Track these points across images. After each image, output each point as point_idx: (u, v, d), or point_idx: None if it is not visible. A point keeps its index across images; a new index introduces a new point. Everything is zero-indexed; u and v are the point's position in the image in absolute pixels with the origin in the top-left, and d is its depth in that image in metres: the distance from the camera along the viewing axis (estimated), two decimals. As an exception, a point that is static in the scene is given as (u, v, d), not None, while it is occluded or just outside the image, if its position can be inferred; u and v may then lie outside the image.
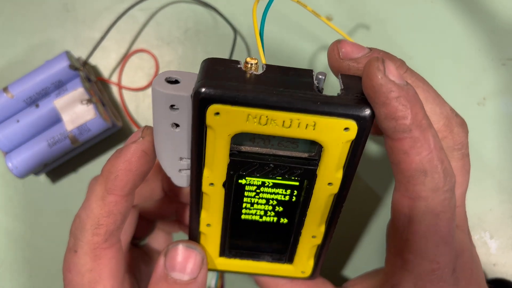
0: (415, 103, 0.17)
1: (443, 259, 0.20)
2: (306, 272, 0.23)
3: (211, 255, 0.23)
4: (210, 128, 0.18)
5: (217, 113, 0.17)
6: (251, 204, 0.21)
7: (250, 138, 0.19)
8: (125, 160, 0.20)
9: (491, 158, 0.33)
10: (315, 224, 0.21)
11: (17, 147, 0.30)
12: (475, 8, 0.34)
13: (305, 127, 0.18)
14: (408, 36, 0.34)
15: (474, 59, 0.34)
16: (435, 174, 0.18)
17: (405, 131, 0.17)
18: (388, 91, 0.17)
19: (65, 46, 0.34)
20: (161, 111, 0.19)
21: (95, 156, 0.34)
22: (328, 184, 0.20)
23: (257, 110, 0.17)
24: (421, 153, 0.18)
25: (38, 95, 0.31)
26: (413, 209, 0.19)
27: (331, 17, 0.34)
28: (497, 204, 0.29)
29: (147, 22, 0.34)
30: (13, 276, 0.34)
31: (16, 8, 0.34)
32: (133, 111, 0.34)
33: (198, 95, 0.17)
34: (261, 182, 0.20)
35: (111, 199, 0.20)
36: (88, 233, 0.21)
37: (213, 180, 0.20)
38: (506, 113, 0.34)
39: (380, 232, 0.33)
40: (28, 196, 0.34)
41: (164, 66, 0.34)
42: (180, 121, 0.19)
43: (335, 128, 0.18)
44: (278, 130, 0.18)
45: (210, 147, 0.18)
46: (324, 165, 0.19)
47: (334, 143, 0.18)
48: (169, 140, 0.19)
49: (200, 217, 0.21)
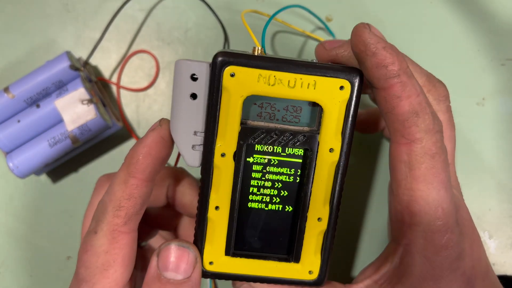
0: (399, 52, 0.20)
1: (446, 206, 0.21)
2: (314, 272, 0.23)
3: (217, 254, 0.23)
4: (225, 90, 0.21)
5: (233, 74, 0.20)
6: (257, 188, 0.23)
7: (258, 113, 0.22)
8: (144, 145, 0.22)
9: (490, 158, 0.33)
10: (320, 203, 0.23)
11: (18, 147, 0.30)
12: (475, 8, 0.34)
13: (307, 87, 0.21)
14: (407, 36, 0.34)
15: (474, 59, 0.34)
16: (425, 115, 0.20)
17: (395, 76, 0.20)
18: (376, 42, 0.20)
19: (66, 47, 0.34)
20: (182, 82, 0.21)
21: (96, 156, 0.34)
22: (329, 151, 0.22)
23: (267, 71, 0.21)
24: (411, 96, 0.20)
25: (39, 95, 0.31)
26: (410, 153, 0.21)
27: (330, 17, 0.34)
28: (496, 204, 0.30)
29: (147, 22, 0.34)
30: (14, 276, 0.34)
31: (17, 9, 0.34)
32: (133, 111, 0.34)
33: (217, 57, 0.20)
34: (267, 160, 0.22)
35: (132, 182, 0.22)
36: (109, 214, 0.22)
37: (225, 149, 0.22)
38: (505, 113, 0.34)
39: (379, 230, 0.33)
40: (29, 196, 0.34)
41: (164, 66, 0.34)
42: (198, 91, 0.21)
43: (332, 86, 0.21)
44: (284, 90, 0.21)
45: (224, 111, 0.21)
46: (324, 130, 0.22)
47: (331, 102, 0.21)
48: (186, 113, 0.21)
49: (210, 197, 0.22)
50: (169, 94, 0.34)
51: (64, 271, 0.34)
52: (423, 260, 0.22)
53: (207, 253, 0.23)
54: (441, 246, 0.22)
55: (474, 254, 0.23)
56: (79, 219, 0.34)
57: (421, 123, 0.20)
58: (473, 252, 0.23)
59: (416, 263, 0.22)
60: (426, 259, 0.22)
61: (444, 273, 0.22)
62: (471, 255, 0.23)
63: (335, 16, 0.34)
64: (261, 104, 0.22)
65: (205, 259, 0.23)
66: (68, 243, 0.34)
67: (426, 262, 0.22)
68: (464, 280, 0.22)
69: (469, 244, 0.23)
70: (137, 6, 0.34)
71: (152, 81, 0.34)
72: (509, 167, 0.34)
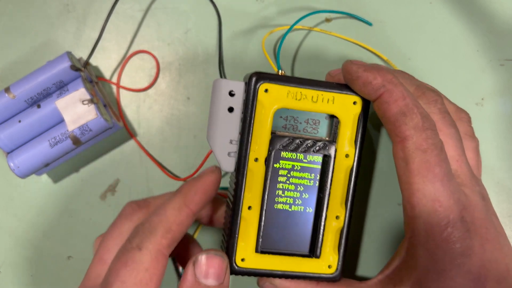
0: (381, 69, 0.24)
1: (444, 199, 0.23)
2: (333, 266, 0.27)
3: (248, 251, 0.26)
4: (259, 103, 0.25)
5: (266, 90, 0.25)
6: (282, 191, 0.26)
7: (283, 125, 0.26)
8: (203, 183, 0.26)
9: (490, 158, 0.33)
10: (337, 203, 0.26)
11: (19, 147, 0.31)
12: (474, 9, 0.34)
13: (327, 101, 0.25)
14: (407, 37, 0.34)
15: (473, 59, 0.34)
16: (412, 115, 0.23)
17: (380, 87, 0.24)
18: (357, 69, 0.24)
19: (66, 47, 0.34)
20: (221, 97, 0.25)
21: (96, 156, 0.34)
22: (345, 156, 0.26)
23: (295, 88, 0.25)
24: (397, 100, 0.23)
25: (40, 96, 0.31)
26: (404, 149, 0.23)
27: (330, 18, 0.34)
28: (495, 203, 0.30)
29: (148, 23, 0.34)
30: (14, 276, 0.34)
31: (18, 9, 0.34)
32: (134, 112, 0.34)
33: (254, 76, 0.25)
34: (291, 165, 0.26)
35: (186, 210, 0.25)
36: (158, 235, 0.24)
37: (258, 154, 0.25)
38: (504, 113, 0.34)
39: (382, 233, 0.33)
40: (29, 195, 0.34)
41: (164, 66, 0.34)
42: (235, 105, 0.25)
43: (347, 102, 0.26)
44: (309, 104, 0.25)
45: (258, 121, 0.25)
46: (341, 138, 0.26)
47: (346, 114, 0.26)
48: (223, 124, 0.25)
49: (244, 198, 0.25)
50: (169, 94, 0.34)
51: (65, 271, 0.34)
52: (426, 252, 0.23)
53: (240, 250, 0.26)
54: (441, 240, 0.23)
55: (486, 254, 0.23)
56: (79, 219, 0.34)
57: (409, 121, 0.23)
58: (485, 252, 0.23)
59: (419, 256, 0.24)
60: (429, 252, 0.23)
61: (447, 267, 0.23)
62: (481, 254, 0.23)
63: (335, 16, 0.34)
64: (286, 118, 0.26)
65: (237, 256, 0.26)
66: (69, 243, 0.34)
67: (429, 254, 0.23)
68: (471, 278, 0.23)
69: (480, 243, 0.23)
70: (137, 7, 0.34)
71: (152, 81, 0.34)
72: (508, 167, 0.34)
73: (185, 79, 0.34)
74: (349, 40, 0.34)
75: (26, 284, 0.34)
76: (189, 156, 0.34)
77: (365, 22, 0.34)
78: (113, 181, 0.34)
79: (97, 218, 0.34)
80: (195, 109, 0.34)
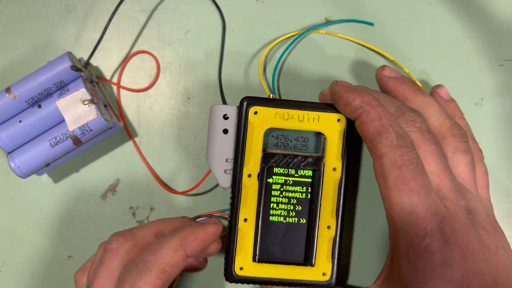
0: (362, 91, 0.26)
1: (420, 211, 0.24)
2: (327, 273, 0.28)
3: (246, 260, 0.28)
4: (250, 125, 0.27)
5: (256, 112, 0.27)
6: (277, 204, 0.28)
7: (274, 143, 0.28)
8: (204, 232, 0.26)
9: (489, 158, 0.33)
10: (328, 213, 0.28)
11: (19, 147, 0.31)
12: (473, 9, 0.34)
13: (313, 120, 0.27)
14: (406, 37, 0.34)
15: (472, 59, 0.34)
16: (387, 134, 0.25)
17: (358, 108, 0.25)
18: (340, 89, 0.26)
19: (67, 47, 0.34)
20: (216, 121, 0.28)
21: (97, 156, 0.34)
22: (333, 170, 0.28)
23: (282, 109, 0.27)
24: (374, 120, 0.25)
25: (40, 96, 0.31)
26: (381, 165, 0.25)
27: (330, 18, 0.34)
28: (495, 203, 0.30)
29: (148, 23, 0.34)
30: (15, 276, 0.34)
31: (18, 9, 0.34)
32: (134, 112, 0.34)
33: (244, 100, 0.27)
34: (283, 180, 0.28)
35: (182, 253, 0.25)
36: (153, 275, 0.24)
37: (251, 171, 0.27)
38: (503, 114, 0.34)
39: (376, 237, 0.34)
40: (30, 195, 0.34)
41: (165, 67, 0.34)
42: (229, 127, 0.28)
43: (331, 120, 0.28)
44: (295, 123, 0.27)
45: (249, 141, 0.27)
46: (328, 153, 0.28)
47: (332, 131, 0.28)
48: (220, 144, 0.28)
49: (240, 211, 0.27)
50: (169, 95, 0.34)
51: (66, 271, 0.34)
52: (408, 262, 0.24)
53: (238, 259, 0.28)
54: (421, 250, 0.24)
55: (468, 265, 0.24)
56: (80, 219, 0.34)
57: (384, 140, 0.25)
58: (467, 263, 0.24)
59: (403, 266, 0.25)
60: (410, 262, 0.24)
61: (428, 276, 0.24)
62: (463, 265, 0.24)
63: (335, 17, 0.34)
64: (277, 136, 0.28)
65: (236, 265, 0.28)
66: (70, 243, 0.34)
67: (411, 264, 0.24)
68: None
69: (461, 254, 0.24)
70: (138, 7, 0.34)
71: (153, 81, 0.34)
72: (507, 167, 0.34)
73: (185, 79, 0.34)
74: (350, 39, 0.34)
75: (26, 284, 0.34)
76: (189, 156, 0.34)
77: (366, 24, 0.34)
78: (113, 181, 0.34)
79: (97, 218, 0.34)
80: (195, 109, 0.34)
